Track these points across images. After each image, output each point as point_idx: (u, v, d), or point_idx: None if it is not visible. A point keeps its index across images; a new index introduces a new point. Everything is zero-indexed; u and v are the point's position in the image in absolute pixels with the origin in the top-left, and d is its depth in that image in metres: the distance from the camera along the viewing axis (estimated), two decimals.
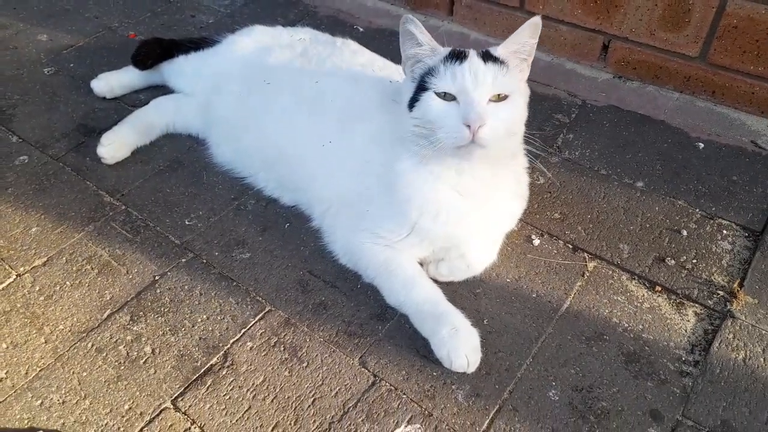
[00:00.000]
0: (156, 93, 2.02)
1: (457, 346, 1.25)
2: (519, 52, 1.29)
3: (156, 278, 1.50)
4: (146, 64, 2.00)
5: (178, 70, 1.98)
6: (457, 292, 1.45)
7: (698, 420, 1.22)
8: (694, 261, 1.53)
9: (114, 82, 2.06)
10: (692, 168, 1.79)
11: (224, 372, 1.31)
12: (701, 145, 1.86)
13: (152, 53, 1.99)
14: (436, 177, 1.33)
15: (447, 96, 1.24)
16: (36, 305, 1.44)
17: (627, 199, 1.69)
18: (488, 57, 1.26)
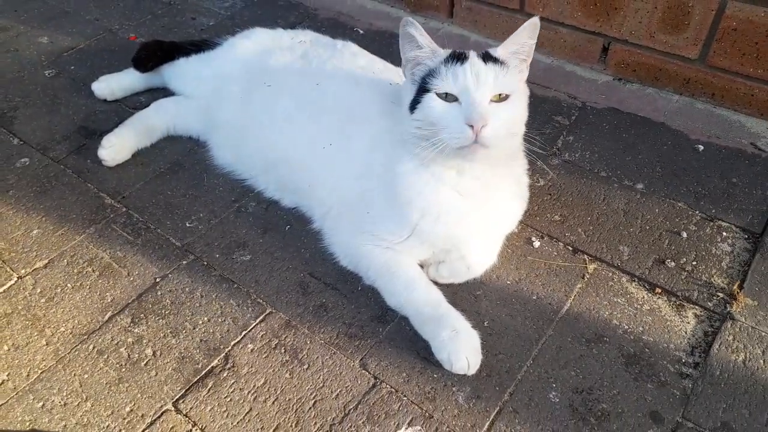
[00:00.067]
0: (157, 95, 2.03)
1: (458, 348, 1.26)
2: (518, 53, 1.30)
3: (157, 280, 1.50)
4: (147, 67, 2.01)
5: (179, 73, 1.98)
6: (458, 294, 1.45)
7: (698, 422, 1.22)
8: (694, 263, 1.53)
9: (115, 85, 2.06)
10: (692, 170, 1.79)
11: (225, 374, 1.31)
12: (701, 147, 1.87)
13: (153, 55, 1.99)
14: (438, 179, 1.33)
15: (449, 97, 1.24)
16: (37, 307, 1.45)
17: (627, 201, 1.69)
18: (488, 58, 1.27)
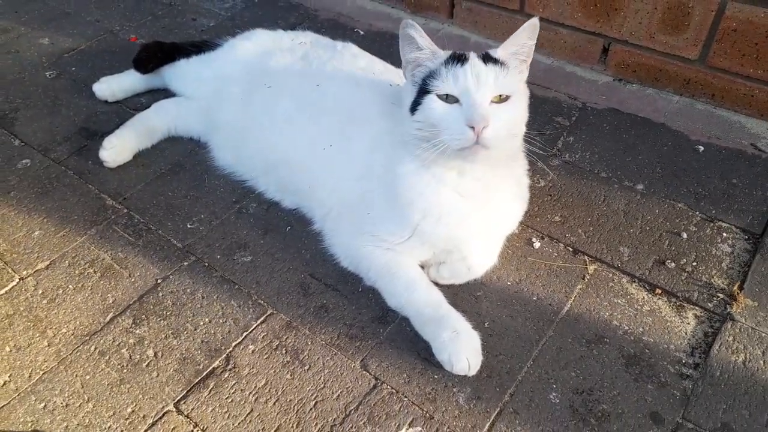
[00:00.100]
0: (157, 96, 2.03)
1: (458, 349, 1.26)
2: (518, 54, 1.30)
3: (158, 281, 1.51)
4: (147, 68, 2.01)
5: (180, 74, 1.98)
6: (458, 295, 1.45)
7: (698, 423, 1.23)
8: (694, 264, 1.53)
9: (115, 86, 2.06)
10: (692, 171, 1.79)
11: (226, 375, 1.32)
12: (701, 148, 1.87)
13: (153, 57, 2.00)
14: (438, 180, 1.34)
15: (449, 98, 1.24)
16: (39, 308, 1.45)
17: (627, 202, 1.70)
18: (488, 59, 1.27)
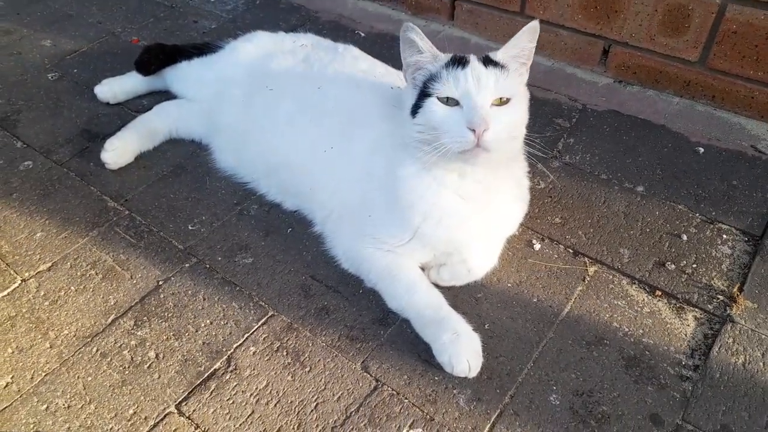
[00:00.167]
0: (159, 98, 2.04)
1: (459, 351, 1.26)
2: (518, 56, 1.31)
3: (160, 283, 1.51)
4: (149, 70, 2.02)
5: (181, 76, 1.99)
6: (459, 297, 1.46)
7: (698, 424, 1.23)
8: (694, 265, 1.53)
9: (117, 88, 2.07)
10: (692, 172, 1.80)
11: (228, 377, 1.32)
12: (701, 150, 1.87)
13: (155, 59, 2.00)
14: (439, 182, 1.34)
15: (450, 101, 1.25)
16: (41, 310, 1.46)
17: (627, 204, 1.70)
18: (489, 61, 1.28)
